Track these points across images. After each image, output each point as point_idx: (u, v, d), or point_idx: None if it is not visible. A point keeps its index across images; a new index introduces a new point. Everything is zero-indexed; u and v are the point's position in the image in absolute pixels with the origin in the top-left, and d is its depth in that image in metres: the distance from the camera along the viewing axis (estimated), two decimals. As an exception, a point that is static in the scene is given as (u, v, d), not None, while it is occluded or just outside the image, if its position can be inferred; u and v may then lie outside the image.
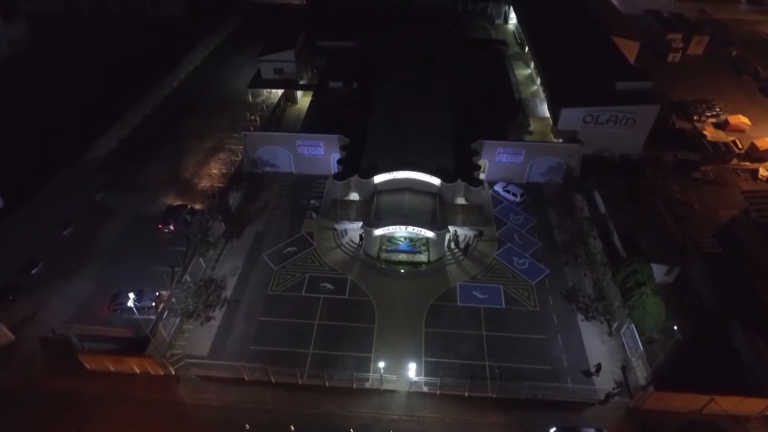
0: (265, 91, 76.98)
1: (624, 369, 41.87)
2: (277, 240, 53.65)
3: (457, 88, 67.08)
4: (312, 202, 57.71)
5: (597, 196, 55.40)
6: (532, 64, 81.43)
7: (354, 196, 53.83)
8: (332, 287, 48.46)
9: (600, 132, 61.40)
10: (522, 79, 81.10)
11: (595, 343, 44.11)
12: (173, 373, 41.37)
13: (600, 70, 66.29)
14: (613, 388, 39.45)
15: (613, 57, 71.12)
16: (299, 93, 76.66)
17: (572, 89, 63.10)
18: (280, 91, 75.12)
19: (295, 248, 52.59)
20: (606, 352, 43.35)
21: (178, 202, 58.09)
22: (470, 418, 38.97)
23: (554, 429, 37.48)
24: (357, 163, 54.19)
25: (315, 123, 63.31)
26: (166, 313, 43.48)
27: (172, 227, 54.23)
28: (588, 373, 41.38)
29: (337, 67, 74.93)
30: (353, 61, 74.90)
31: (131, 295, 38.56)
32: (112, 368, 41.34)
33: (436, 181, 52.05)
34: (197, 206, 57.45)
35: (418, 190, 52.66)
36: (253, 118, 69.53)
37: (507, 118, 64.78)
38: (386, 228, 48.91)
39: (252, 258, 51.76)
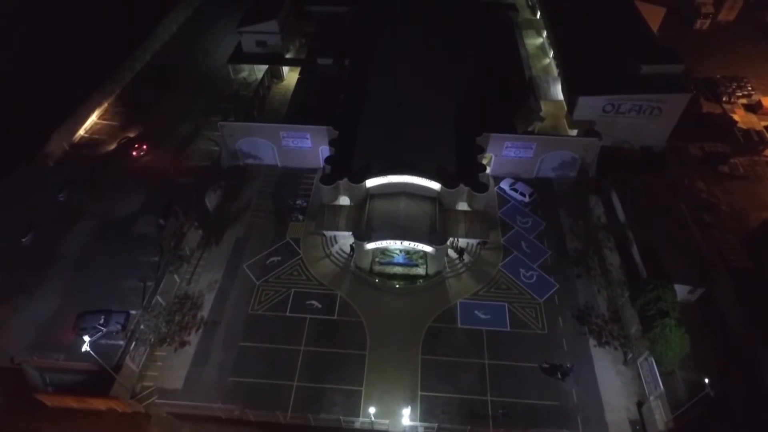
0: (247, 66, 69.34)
1: (640, 406, 38.05)
2: (260, 248, 48.62)
3: (462, 67, 59.58)
4: (298, 202, 52.20)
5: (615, 199, 49.79)
6: (545, 33, 73.10)
7: (344, 200, 48.18)
8: (320, 306, 43.96)
9: (621, 122, 54.80)
10: (533, 50, 72.97)
11: (609, 373, 40.08)
12: (143, 411, 37.56)
13: (623, 46, 58.39)
14: None
15: (637, 29, 63.01)
16: (286, 68, 69.08)
17: (591, 71, 55.73)
18: (264, 67, 67.61)
19: (279, 258, 47.66)
20: (620, 384, 39.41)
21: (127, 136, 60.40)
22: (470, 464, 35.59)
23: None
24: (347, 163, 48.11)
25: (301, 111, 56.45)
26: (134, 343, 39.16)
27: (145, 147, 58.02)
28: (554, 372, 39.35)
29: (326, 38, 66.85)
30: (345, 31, 66.76)
31: (87, 338, 33.89)
32: (75, 406, 37.50)
33: (435, 185, 46.20)
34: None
35: (416, 194, 46.93)
36: (232, 107, 62.34)
37: (516, 103, 57.84)
38: (379, 242, 43.74)
39: (231, 269, 46.94)
